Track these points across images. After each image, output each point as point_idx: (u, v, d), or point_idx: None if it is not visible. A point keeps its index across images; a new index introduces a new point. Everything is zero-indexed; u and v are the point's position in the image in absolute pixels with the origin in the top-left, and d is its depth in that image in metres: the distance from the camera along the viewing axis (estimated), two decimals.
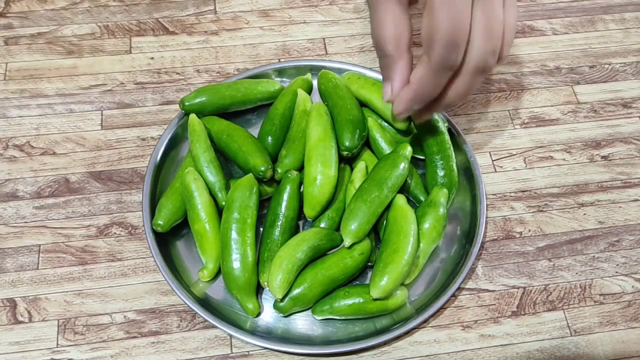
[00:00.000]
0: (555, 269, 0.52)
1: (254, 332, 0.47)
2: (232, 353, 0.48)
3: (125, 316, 0.49)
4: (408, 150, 0.51)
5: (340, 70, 0.59)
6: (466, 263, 0.49)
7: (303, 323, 0.48)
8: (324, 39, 0.65)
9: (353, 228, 0.47)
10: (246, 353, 0.48)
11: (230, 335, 0.48)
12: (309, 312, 0.48)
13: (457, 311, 0.50)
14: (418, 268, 0.49)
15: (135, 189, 0.55)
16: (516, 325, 0.49)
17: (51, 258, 0.51)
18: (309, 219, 0.51)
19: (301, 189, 0.51)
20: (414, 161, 0.54)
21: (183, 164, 0.54)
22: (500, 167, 0.57)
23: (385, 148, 0.53)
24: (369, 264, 0.49)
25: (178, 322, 0.49)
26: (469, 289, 0.51)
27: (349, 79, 0.57)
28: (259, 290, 0.49)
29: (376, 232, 0.51)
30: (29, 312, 0.49)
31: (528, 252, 0.53)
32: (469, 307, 0.50)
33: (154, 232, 0.50)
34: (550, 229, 0.54)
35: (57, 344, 0.47)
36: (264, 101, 0.58)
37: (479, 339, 0.49)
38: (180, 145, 0.56)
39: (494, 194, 0.56)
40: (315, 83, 0.59)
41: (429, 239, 0.49)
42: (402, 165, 0.50)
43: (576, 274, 0.52)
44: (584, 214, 0.55)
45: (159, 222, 0.49)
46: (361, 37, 0.65)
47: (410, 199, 0.52)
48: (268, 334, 0.47)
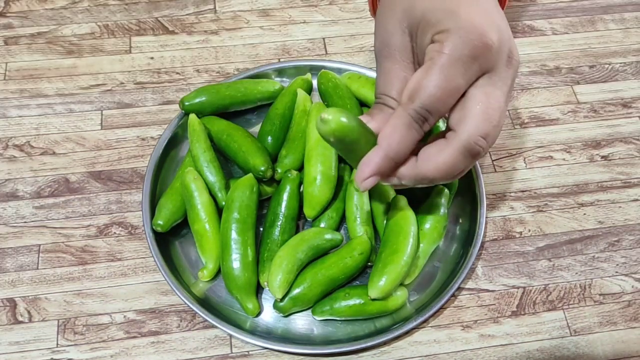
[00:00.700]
0: (555, 268, 0.52)
1: (253, 332, 0.47)
2: (232, 353, 0.48)
3: (125, 316, 0.49)
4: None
5: (340, 70, 0.59)
6: (466, 263, 0.49)
7: (303, 323, 0.48)
8: (323, 38, 0.65)
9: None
10: (246, 353, 0.48)
11: (230, 335, 0.48)
12: (309, 312, 0.48)
13: (457, 311, 0.50)
14: (418, 268, 0.49)
15: (135, 189, 0.55)
16: (516, 325, 0.49)
17: (51, 258, 0.51)
18: (309, 219, 0.51)
19: (301, 189, 0.51)
20: None
21: (183, 164, 0.54)
22: (500, 167, 0.57)
23: None
24: (369, 264, 0.49)
25: (178, 322, 0.49)
26: (469, 289, 0.51)
27: (349, 79, 0.57)
28: (258, 290, 0.49)
29: (376, 232, 0.51)
30: (28, 312, 0.49)
31: (528, 252, 0.53)
32: (468, 307, 0.50)
33: (154, 232, 0.50)
34: (550, 228, 0.54)
35: (57, 344, 0.47)
36: (264, 101, 0.58)
37: (478, 339, 0.49)
38: (180, 145, 0.56)
39: (494, 194, 0.56)
40: (315, 83, 0.59)
41: (430, 239, 0.49)
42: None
43: (576, 273, 0.52)
44: (584, 214, 0.55)
45: (159, 222, 0.49)
46: (361, 37, 0.65)
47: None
48: (268, 334, 0.47)
